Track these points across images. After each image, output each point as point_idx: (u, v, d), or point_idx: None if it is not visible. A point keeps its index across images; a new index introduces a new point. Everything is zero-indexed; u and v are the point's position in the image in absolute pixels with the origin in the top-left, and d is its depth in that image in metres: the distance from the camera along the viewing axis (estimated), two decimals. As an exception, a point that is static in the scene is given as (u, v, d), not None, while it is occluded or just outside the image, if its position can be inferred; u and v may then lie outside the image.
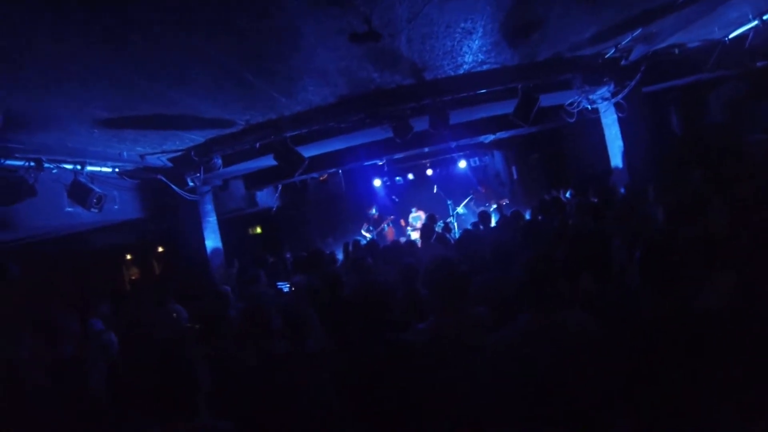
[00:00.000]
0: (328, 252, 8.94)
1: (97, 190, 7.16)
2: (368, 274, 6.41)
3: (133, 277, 17.23)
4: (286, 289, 7.08)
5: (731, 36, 7.77)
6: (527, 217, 9.51)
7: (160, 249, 17.53)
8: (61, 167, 7.08)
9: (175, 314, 6.71)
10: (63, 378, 4.57)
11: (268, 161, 8.89)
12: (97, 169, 7.96)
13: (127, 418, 3.87)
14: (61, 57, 4.41)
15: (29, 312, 6.22)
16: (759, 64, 6.98)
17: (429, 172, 18.49)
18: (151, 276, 17.23)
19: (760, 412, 2.74)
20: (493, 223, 10.33)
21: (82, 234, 10.06)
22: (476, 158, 18.23)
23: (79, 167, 7.28)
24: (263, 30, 4.74)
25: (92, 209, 7.14)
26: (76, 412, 4.22)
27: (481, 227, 9.66)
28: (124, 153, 8.04)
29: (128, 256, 17.35)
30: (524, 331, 3.18)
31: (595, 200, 8.28)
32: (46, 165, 6.76)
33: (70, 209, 7.56)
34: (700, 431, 2.74)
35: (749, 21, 7.01)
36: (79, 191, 7.11)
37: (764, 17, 6.75)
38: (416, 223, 15.67)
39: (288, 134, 8.27)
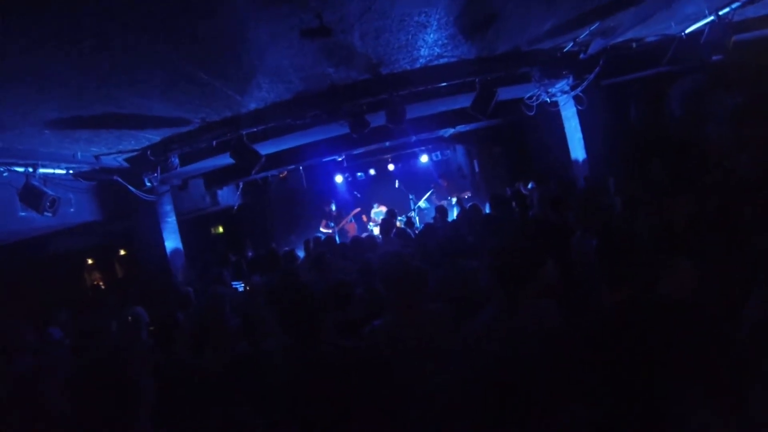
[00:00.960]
0: (288, 249, 8.87)
1: (51, 193, 7.00)
2: (327, 271, 6.38)
3: (95, 282, 16.94)
4: (240, 289, 7.00)
5: (688, 31, 7.90)
6: (486, 210, 9.55)
7: (123, 252, 17.25)
8: (11, 170, 6.91)
9: (131, 318, 6.58)
10: (20, 392, 4.46)
11: (227, 159, 8.79)
12: (51, 171, 7.77)
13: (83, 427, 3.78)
14: (11, 60, 4.29)
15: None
16: (714, 58, 7.08)
17: (391, 167, 18.47)
18: (113, 280, 16.96)
19: (721, 398, 2.76)
20: (454, 217, 10.36)
21: (40, 239, 9.86)
22: (438, 152, 18.29)
23: (30, 170, 7.11)
24: (213, 29, 4.67)
25: (46, 213, 6.98)
26: (35, 425, 4.12)
27: (439, 221, 9.68)
28: (78, 154, 7.85)
29: (89, 261, 17.04)
30: (492, 322, 3.19)
31: (556, 192, 8.34)
32: (-5, 168, 6.61)
33: (23, 214, 7.37)
34: (661, 419, 2.75)
35: (705, 16, 7.12)
36: (32, 195, 6.95)
37: (719, 12, 6.85)
38: (378, 218, 15.63)
39: (244, 132, 8.18)
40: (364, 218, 17.09)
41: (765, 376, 2.78)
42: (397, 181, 17.48)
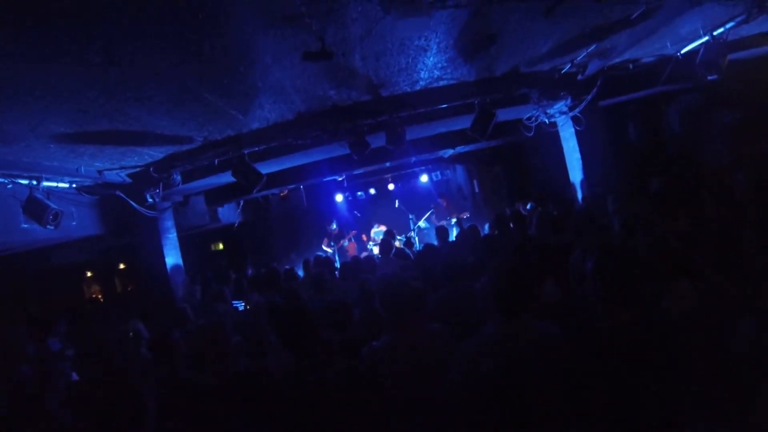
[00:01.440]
0: (288, 268, 8.89)
1: (54, 206, 7.04)
2: (327, 290, 6.42)
3: (94, 295, 16.93)
4: (241, 308, 7.03)
5: (683, 51, 7.95)
6: (486, 230, 9.58)
7: (122, 266, 17.27)
8: (15, 182, 6.96)
9: (132, 333, 6.61)
10: (21, 401, 4.50)
11: (229, 177, 8.83)
12: (54, 184, 7.79)
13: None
14: (19, 74, 4.36)
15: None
16: (710, 77, 7.14)
17: (391, 186, 18.47)
18: (112, 294, 16.96)
19: (721, 414, 2.80)
20: (453, 237, 10.37)
21: (41, 251, 9.88)
22: (438, 172, 18.33)
23: (35, 182, 7.16)
24: (218, 48, 4.73)
25: (48, 226, 7.02)
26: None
27: (439, 243, 9.70)
28: (82, 168, 7.91)
29: (89, 274, 17.06)
30: (490, 341, 3.21)
31: (555, 212, 8.39)
32: (0, 180, 6.65)
33: (26, 225, 7.39)
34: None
35: (700, 36, 7.17)
36: (35, 207, 7.00)
37: (714, 33, 6.92)
38: (378, 237, 15.63)
39: (246, 151, 8.24)
40: (364, 237, 17.06)
41: (763, 392, 2.83)
42: (397, 201, 17.47)
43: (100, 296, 16.81)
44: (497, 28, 5.89)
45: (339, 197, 18.12)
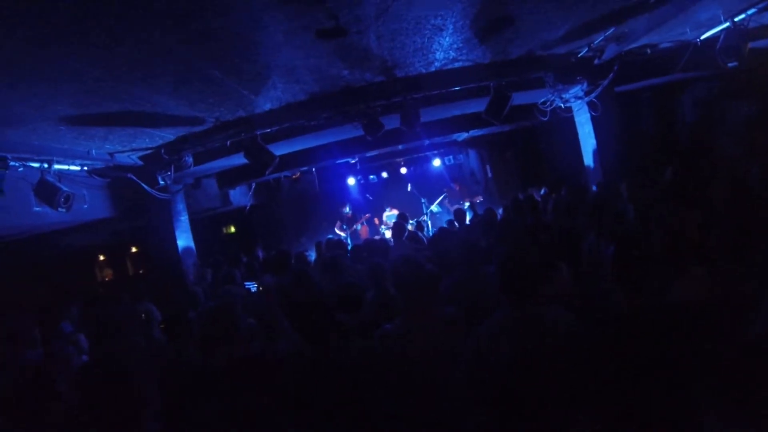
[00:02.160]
0: (300, 251, 8.86)
1: (65, 189, 7.02)
2: (340, 273, 6.37)
3: (107, 278, 17.03)
4: (254, 289, 6.99)
5: (703, 37, 7.82)
6: (500, 214, 9.52)
7: (134, 249, 17.33)
8: (27, 165, 6.94)
9: (144, 315, 6.60)
10: (29, 383, 4.48)
11: (241, 159, 8.80)
12: (65, 167, 7.80)
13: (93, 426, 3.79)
14: (22, 54, 4.31)
15: (-4, 316, 6.11)
16: (730, 65, 7.01)
17: (403, 170, 18.32)
18: (124, 277, 17.04)
19: (734, 403, 2.74)
20: (467, 221, 10.32)
21: (53, 234, 9.90)
22: (450, 157, 18.19)
23: (46, 165, 7.14)
24: (228, 26, 4.67)
25: (60, 209, 7.01)
26: (43, 419, 4.13)
27: (456, 225, 9.66)
28: (93, 151, 7.90)
29: (101, 257, 17.13)
30: (500, 327, 3.16)
31: (568, 198, 8.31)
32: (12, 163, 6.62)
33: (38, 209, 7.41)
34: (675, 424, 2.73)
35: (720, 23, 7.05)
36: (47, 190, 6.98)
37: (735, 19, 6.79)
38: (391, 221, 15.58)
39: (258, 132, 8.20)
40: (376, 221, 17.05)
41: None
42: (409, 185, 17.40)
43: (111, 279, 16.91)
44: (514, 9, 5.80)
45: (351, 180, 17.97)
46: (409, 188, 17.33)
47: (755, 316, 3.03)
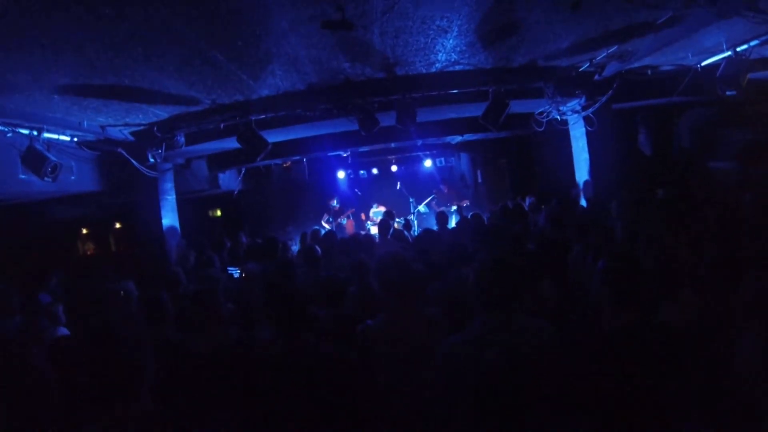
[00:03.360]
0: (284, 240, 8.84)
1: (53, 158, 6.97)
2: (319, 265, 6.36)
3: (88, 252, 16.89)
4: (236, 275, 6.96)
5: (704, 63, 7.89)
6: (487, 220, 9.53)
7: (118, 225, 17.21)
8: (16, 131, 6.88)
9: (122, 292, 6.54)
10: (5, 354, 4.43)
11: (233, 143, 8.78)
12: (55, 136, 7.73)
13: (71, 397, 3.74)
14: (23, 22, 4.27)
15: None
16: (728, 93, 7.06)
17: (394, 168, 18.41)
18: (107, 252, 16.91)
19: (718, 422, 2.77)
20: (453, 224, 10.32)
21: (37, 204, 9.82)
22: (442, 159, 18.24)
23: (35, 133, 7.09)
24: (234, 10, 4.66)
25: (46, 178, 6.95)
26: (18, 388, 4.09)
27: (439, 228, 9.67)
28: (85, 122, 7.84)
29: (84, 231, 17.00)
30: (476, 335, 3.11)
31: (557, 210, 8.34)
32: (0, 128, 6.56)
33: (23, 176, 7.32)
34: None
35: (723, 51, 7.12)
36: (34, 158, 6.92)
37: (737, 49, 6.84)
38: (377, 218, 15.59)
39: (253, 117, 8.18)
40: (363, 216, 17.07)
41: (760, 406, 2.80)
42: (398, 183, 17.43)
43: (94, 253, 16.78)
44: (521, 17, 5.82)
45: (341, 174, 17.99)
46: (398, 186, 17.36)
47: (737, 349, 3.06)
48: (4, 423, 3.88)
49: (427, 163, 17.85)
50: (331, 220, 15.94)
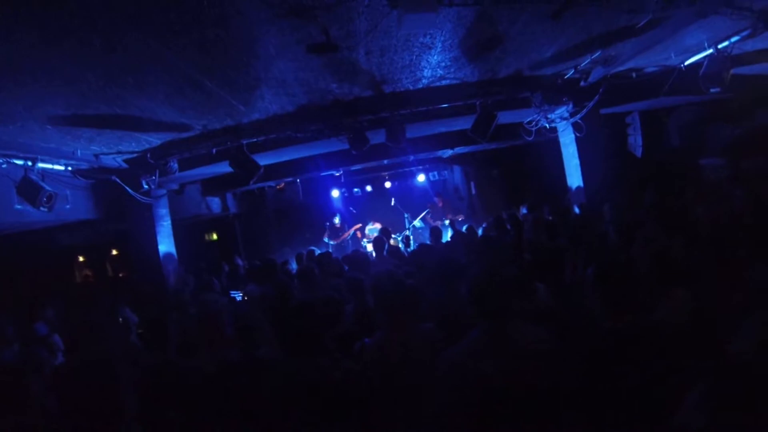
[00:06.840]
0: (282, 261, 8.86)
1: (48, 188, 7.00)
2: (315, 285, 6.39)
3: (86, 280, 16.84)
4: (239, 298, 6.99)
5: (687, 63, 7.93)
6: (481, 232, 9.57)
7: (114, 252, 17.19)
8: (11, 162, 6.91)
9: (122, 320, 6.56)
10: (3, 383, 4.44)
11: (226, 167, 8.81)
12: (49, 166, 7.74)
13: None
14: (15, 54, 4.32)
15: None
16: (712, 90, 7.12)
17: (387, 184, 18.41)
18: (103, 279, 16.87)
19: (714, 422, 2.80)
20: (448, 238, 10.35)
21: (33, 232, 9.82)
22: (435, 173, 18.28)
23: (30, 163, 7.12)
24: (222, 38, 4.72)
25: (42, 208, 6.98)
26: (16, 421, 4.10)
27: (433, 243, 9.67)
28: (78, 151, 7.86)
29: (81, 258, 16.97)
30: (475, 347, 3.16)
31: (550, 218, 8.39)
32: (-5, 160, 6.62)
33: (19, 206, 7.35)
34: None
35: (705, 49, 7.16)
36: (29, 188, 6.96)
37: (719, 46, 6.91)
38: (373, 235, 15.60)
39: (245, 141, 8.24)
40: (359, 234, 17.04)
41: (756, 405, 2.83)
42: (393, 199, 17.43)
43: (91, 281, 16.73)
44: (503, 30, 5.88)
45: (335, 193, 17.91)
46: (392, 202, 17.35)
47: (735, 335, 3.09)
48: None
49: (421, 177, 17.85)
50: (327, 238, 15.95)
